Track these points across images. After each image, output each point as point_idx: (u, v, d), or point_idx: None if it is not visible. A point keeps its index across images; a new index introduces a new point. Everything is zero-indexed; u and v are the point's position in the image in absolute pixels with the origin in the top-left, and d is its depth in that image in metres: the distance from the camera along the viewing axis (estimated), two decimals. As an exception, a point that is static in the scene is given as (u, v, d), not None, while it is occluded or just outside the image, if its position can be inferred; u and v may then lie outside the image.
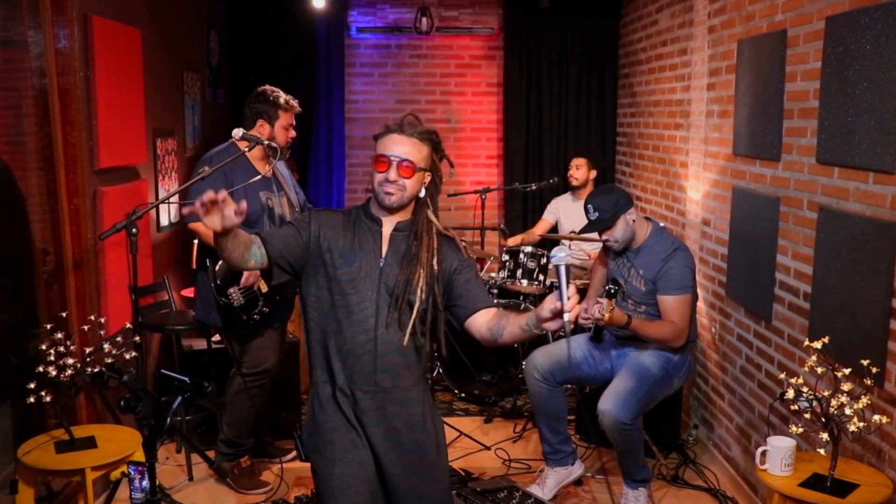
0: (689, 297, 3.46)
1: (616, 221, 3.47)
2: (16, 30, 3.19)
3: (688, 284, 3.45)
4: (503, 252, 5.02)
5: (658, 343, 3.46)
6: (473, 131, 6.24)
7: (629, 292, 3.57)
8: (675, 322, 3.43)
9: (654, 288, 3.47)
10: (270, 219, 3.53)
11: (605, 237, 3.55)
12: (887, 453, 2.61)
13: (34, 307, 3.35)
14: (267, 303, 3.51)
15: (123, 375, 2.27)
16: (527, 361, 3.70)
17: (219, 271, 3.43)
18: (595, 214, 3.49)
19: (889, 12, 2.55)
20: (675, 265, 3.43)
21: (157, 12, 4.30)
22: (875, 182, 2.66)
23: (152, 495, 2.25)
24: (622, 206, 3.47)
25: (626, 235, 3.51)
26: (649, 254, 3.51)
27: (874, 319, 2.63)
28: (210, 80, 5.34)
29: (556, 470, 3.66)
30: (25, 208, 3.30)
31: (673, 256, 3.45)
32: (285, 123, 3.58)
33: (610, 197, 3.48)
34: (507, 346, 2.62)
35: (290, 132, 3.62)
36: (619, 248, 3.55)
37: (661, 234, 3.57)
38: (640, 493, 3.47)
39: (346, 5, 5.99)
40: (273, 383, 4.07)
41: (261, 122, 3.54)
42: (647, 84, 5.25)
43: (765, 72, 3.42)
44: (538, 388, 3.59)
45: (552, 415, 3.61)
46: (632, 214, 3.50)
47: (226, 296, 3.42)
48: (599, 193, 3.56)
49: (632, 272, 3.55)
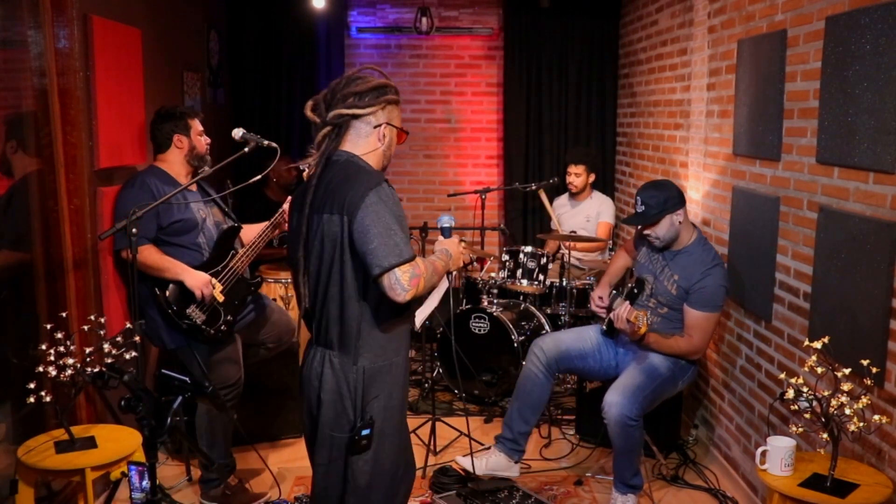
0: (716, 317, 3.44)
1: (661, 219, 3.40)
2: (16, 30, 3.19)
3: (719, 304, 3.42)
4: (503, 252, 5.02)
5: (673, 355, 3.46)
6: (473, 131, 6.25)
7: (656, 291, 3.51)
8: (695, 339, 3.41)
9: (685, 296, 3.42)
10: (204, 229, 3.52)
11: (648, 233, 3.46)
12: (887, 453, 2.61)
13: (34, 307, 3.35)
14: (229, 311, 3.47)
15: (123, 375, 2.27)
16: (535, 341, 3.69)
17: (170, 297, 3.34)
18: (641, 207, 3.41)
19: (889, 12, 2.55)
20: (712, 282, 3.37)
21: (157, 12, 4.30)
22: (875, 182, 2.66)
23: (152, 495, 2.25)
24: (671, 204, 3.39)
25: (668, 235, 3.43)
26: (689, 260, 3.44)
27: (874, 319, 2.63)
28: (210, 80, 5.34)
29: (501, 455, 3.61)
30: (27, 208, 3.30)
31: (712, 272, 3.39)
32: (198, 131, 3.56)
33: (660, 193, 3.40)
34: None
35: (204, 138, 3.60)
36: (659, 246, 3.49)
37: (706, 246, 3.50)
38: (629, 500, 3.44)
39: (346, 5, 6.00)
40: (272, 384, 4.09)
41: (178, 138, 3.51)
42: (647, 84, 5.25)
43: (765, 72, 3.42)
44: (533, 371, 3.59)
45: (529, 403, 3.60)
46: (679, 215, 3.42)
47: (187, 317, 3.35)
48: (650, 187, 3.46)
49: (665, 272, 3.50)
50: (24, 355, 3.05)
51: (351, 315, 2.23)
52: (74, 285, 3.39)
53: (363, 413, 2.24)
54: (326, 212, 2.18)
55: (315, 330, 2.34)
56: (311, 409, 2.36)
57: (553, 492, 3.72)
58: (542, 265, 4.84)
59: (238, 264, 3.54)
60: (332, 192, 2.17)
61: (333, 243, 2.19)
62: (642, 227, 3.47)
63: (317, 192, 2.21)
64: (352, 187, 2.13)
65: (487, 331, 4.64)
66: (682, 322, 3.48)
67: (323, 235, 2.21)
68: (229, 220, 3.68)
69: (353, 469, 2.29)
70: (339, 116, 2.20)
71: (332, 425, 2.30)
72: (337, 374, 2.26)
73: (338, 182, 2.17)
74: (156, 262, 3.33)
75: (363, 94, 2.21)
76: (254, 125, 5.54)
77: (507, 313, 4.71)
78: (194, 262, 3.44)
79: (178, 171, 3.53)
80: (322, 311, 2.29)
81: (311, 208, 2.23)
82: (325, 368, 2.28)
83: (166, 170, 3.52)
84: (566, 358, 3.61)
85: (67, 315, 3.25)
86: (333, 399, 2.28)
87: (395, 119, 2.31)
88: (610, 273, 3.86)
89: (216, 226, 3.58)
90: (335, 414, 2.28)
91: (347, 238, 2.15)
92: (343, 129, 2.22)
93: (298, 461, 4.00)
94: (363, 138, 2.24)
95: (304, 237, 2.25)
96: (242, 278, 3.57)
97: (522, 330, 4.67)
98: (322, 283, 2.25)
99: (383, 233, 2.10)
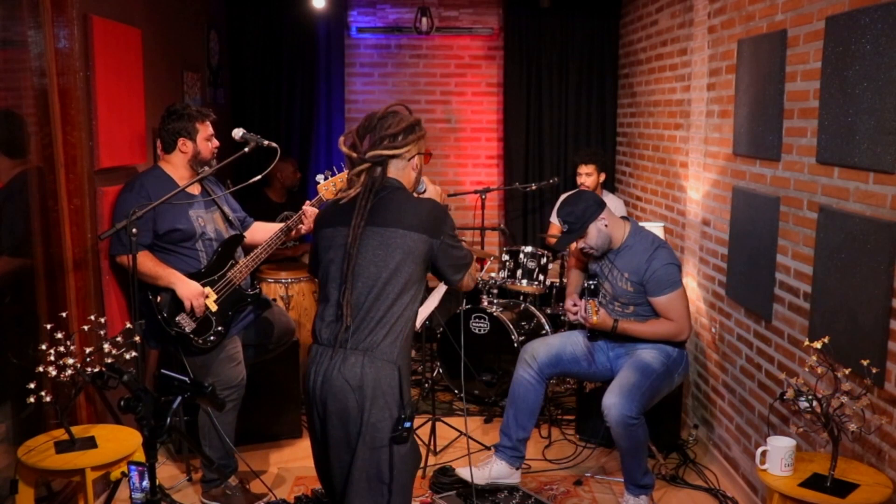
0: (681, 293, 3.50)
1: (587, 230, 3.49)
2: (16, 30, 3.19)
3: (676, 280, 3.48)
4: (503, 252, 5.02)
5: (660, 340, 3.48)
6: (473, 131, 6.25)
7: (616, 294, 3.58)
8: (675, 319, 3.48)
9: (642, 289, 3.49)
10: (203, 237, 3.49)
11: (581, 246, 3.57)
12: (887, 453, 2.61)
13: (34, 307, 3.35)
14: (220, 322, 3.44)
15: (123, 375, 2.27)
16: (524, 348, 3.71)
17: (161, 302, 3.33)
18: (565, 227, 3.53)
19: (889, 12, 2.55)
20: (659, 265, 3.45)
21: (157, 12, 4.30)
22: (875, 182, 2.66)
23: (152, 495, 2.25)
24: (590, 213, 3.47)
25: (600, 241, 3.52)
26: (631, 254, 3.52)
27: (874, 319, 2.63)
28: (210, 80, 5.34)
29: (502, 463, 3.61)
30: (28, 207, 3.30)
31: (655, 256, 3.47)
32: (206, 135, 3.50)
33: (577, 207, 3.49)
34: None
35: (212, 142, 3.54)
36: (598, 255, 3.58)
37: (640, 234, 3.58)
38: (642, 501, 3.45)
39: (346, 5, 5.99)
40: (272, 384, 4.09)
41: (182, 141, 3.46)
42: (647, 84, 5.25)
43: (765, 72, 3.42)
44: (524, 376, 3.61)
45: (525, 409, 3.61)
46: (603, 220, 3.50)
47: (176, 325, 3.32)
48: (566, 204, 3.56)
49: (614, 273, 3.56)
50: (24, 355, 3.05)
51: (401, 319, 2.41)
52: (74, 285, 3.39)
53: (404, 407, 2.38)
54: (401, 227, 2.41)
55: (352, 334, 2.38)
56: (342, 413, 2.37)
57: (553, 492, 3.72)
58: (542, 265, 4.84)
59: (236, 274, 3.51)
60: (407, 213, 2.43)
61: (408, 256, 2.40)
62: (575, 242, 3.58)
63: (373, 210, 2.43)
64: (428, 213, 2.46)
65: (487, 331, 4.64)
66: (653, 314, 3.53)
67: (395, 247, 2.40)
68: (232, 229, 3.64)
69: (393, 460, 2.37)
70: (378, 157, 2.46)
71: (377, 422, 2.35)
72: (379, 372, 2.36)
73: (409, 205, 2.46)
74: (149, 270, 3.32)
75: (396, 135, 2.46)
76: (254, 125, 5.54)
77: (507, 313, 4.71)
78: (191, 269, 3.42)
79: (181, 175, 3.49)
80: (371, 316, 2.38)
81: (366, 223, 2.42)
82: (365, 369, 2.34)
83: (170, 172, 3.49)
84: (557, 362, 3.63)
85: (67, 315, 3.25)
86: (375, 395, 2.35)
87: (422, 148, 2.58)
88: (570, 288, 3.91)
89: (217, 234, 3.55)
90: (378, 410, 2.35)
91: (426, 254, 2.43)
92: (384, 165, 2.48)
93: (298, 461, 4.00)
94: (401, 170, 2.52)
95: (349, 248, 2.41)
96: (239, 289, 3.53)
97: (522, 330, 4.67)
98: (381, 289, 2.39)
99: (457, 247, 2.52)
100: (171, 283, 3.33)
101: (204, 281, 3.41)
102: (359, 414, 2.34)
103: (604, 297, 3.65)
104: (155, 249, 3.40)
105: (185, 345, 3.38)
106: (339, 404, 2.36)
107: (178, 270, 3.38)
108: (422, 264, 2.43)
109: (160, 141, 3.53)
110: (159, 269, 3.33)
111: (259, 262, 3.58)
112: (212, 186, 3.66)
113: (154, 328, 3.36)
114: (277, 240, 3.58)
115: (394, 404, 2.36)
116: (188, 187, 3.40)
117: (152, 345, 3.51)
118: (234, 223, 3.67)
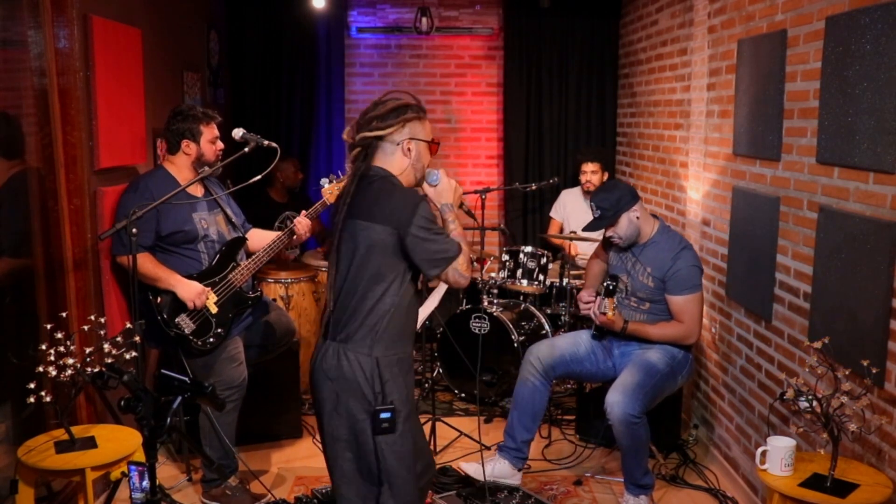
0: (699, 296, 3.50)
1: (618, 219, 3.49)
2: (16, 30, 3.19)
3: (697, 283, 3.49)
4: (503, 252, 5.02)
5: (668, 342, 3.49)
6: (473, 131, 6.25)
7: (634, 288, 3.58)
8: (686, 322, 3.49)
9: (662, 286, 3.49)
10: (205, 239, 3.48)
11: (609, 234, 3.57)
12: (887, 453, 2.61)
13: (34, 307, 3.35)
14: (220, 324, 3.43)
15: (123, 375, 2.27)
16: (529, 350, 3.70)
17: (162, 304, 3.32)
18: (597, 212, 3.52)
19: (889, 12, 2.55)
20: (683, 265, 3.46)
21: (157, 12, 4.29)
22: (875, 182, 2.66)
23: (152, 495, 2.25)
24: (624, 203, 3.48)
25: (629, 232, 3.52)
26: (657, 250, 3.52)
27: (874, 319, 2.63)
28: (210, 80, 5.34)
29: (505, 463, 3.61)
30: (28, 208, 3.30)
31: (681, 256, 3.48)
32: (210, 137, 3.49)
33: (612, 194, 3.50)
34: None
35: (217, 145, 3.52)
36: (624, 245, 3.57)
37: (669, 233, 3.60)
38: (641, 501, 3.45)
39: (346, 5, 5.99)
40: (272, 384, 4.08)
41: (185, 143, 3.46)
42: (647, 84, 5.25)
43: (765, 72, 3.42)
44: (530, 379, 3.60)
45: (530, 411, 3.60)
46: (636, 211, 3.51)
47: (175, 326, 3.32)
48: (602, 190, 3.59)
49: (637, 268, 3.56)
50: (24, 355, 3.05)
51: (375, 312, 2.38)
52: (74, 285, 3.39)
53: (384, 397, 2.37)
54: (367, 220, 2.37)
55: (332, 325, 2.44)
56: (323, 403, 2.43)
57: (553, 492, 3.72)
58: (543, 265, 4.84)
59: (237, 277, 3.51)
60: (376, 203, 2.38)
61: (373, 248, 2.37)
62: (604, 228, 3.56)
63: (353, 200, 2.40)
64: (397, 204, 2.37)
65: (487, 331, 4.64)
66: (667, 313, 3.53)
67: (360, 240, 2.38)
68: (234, 231, 3.63)
69: (379, 451, 2.39)
70: (364, 139, 2.42)
71: (356, 413, 2.38)
72: (353, 363, 2.37)
73: (382, 196, 2.39)
74: (149, 272, 3.32)
75: (384, 116, 2.41)
76: (254, 125, 5.52)
77: (507, 313, 4.71)
78: (192, 270, 3.42)
79: (185, 176, 3.48)
80: (345, 307, 2.41)
81: (347, 214, 2.41)
82: (340, 361, 2.38)
83: (173, 173, 3.48)
84: (562, 363, 3.62)
85: (67, 315, 3.25)
86: (351, 387, 2.37)
87: (419, 133, 2.46)
88: (589, 280, 3.90)
89: (219, 236, 3.55)
90: (355, 401, 2.38)
91: (395, 247, 2.36)
92: (371, 149, 2.43)
93: (298, 461, 4.00)
94: (390, 156, 2.44)
95: (336, 239, 2.43)
96: (240, 291, 3.53)
97: (522, 330, 4.67)
98: (351, 281, 2.40)
99: (432, 240, 2.37)
100: (171, 285, 3.33)
101: (205, 282, 3.41)
102: (335, 405, 2.40)
103: (620, 293, 3.64)
104: (157, 251, 3.40)
105: (184, 346, 3.38)
106: (321, 394, 2.44)
107: (180, 272, 3.37)
108: (392, 257, 2.37)
109: (165, 141, 3.52)
110: (159, 271, 3.33)
111: (261, 264, 3.58)
112: (215, 188, 3.66)
113: (154, 329, 3.36)
114: (280, 243, 3.59)
115: (371, 396, 2.37)
116: (188, 187, 3.39)
117: (152, 345, 3.50)
118: (237, 225, 3.67)
